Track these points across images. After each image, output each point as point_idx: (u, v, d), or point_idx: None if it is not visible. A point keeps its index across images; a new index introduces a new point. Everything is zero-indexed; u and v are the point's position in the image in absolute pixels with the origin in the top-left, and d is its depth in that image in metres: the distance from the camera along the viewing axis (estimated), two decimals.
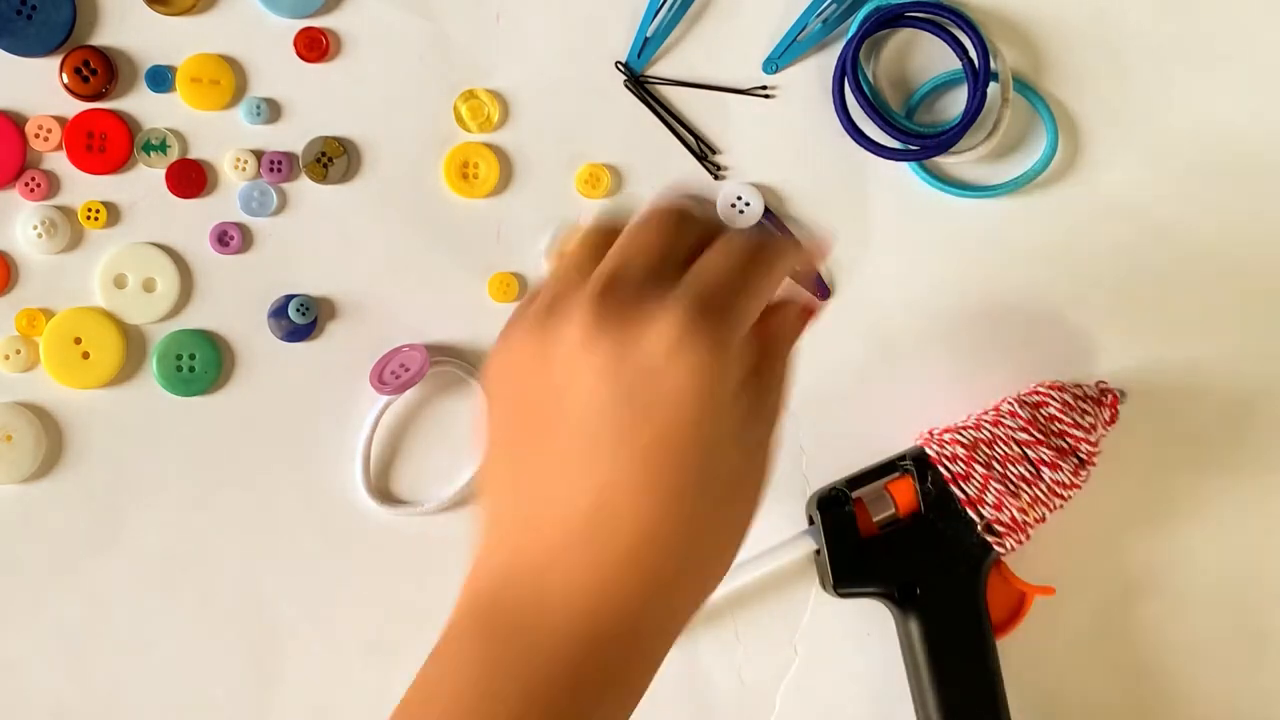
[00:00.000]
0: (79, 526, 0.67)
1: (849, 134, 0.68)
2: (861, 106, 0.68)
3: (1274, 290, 0.70)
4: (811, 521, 0.66)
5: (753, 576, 0.65)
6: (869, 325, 0.69)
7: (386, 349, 0.68)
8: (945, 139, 0.67)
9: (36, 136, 0.66)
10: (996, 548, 0.63)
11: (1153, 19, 0.70)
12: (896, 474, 0.65)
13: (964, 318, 0.70)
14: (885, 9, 0.68)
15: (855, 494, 0.65)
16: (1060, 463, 0.63)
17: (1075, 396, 0.65)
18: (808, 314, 0.48)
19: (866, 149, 0.68)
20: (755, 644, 0.69)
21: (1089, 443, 0.64)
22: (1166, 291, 0.70)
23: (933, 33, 0.67)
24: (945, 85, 0.69)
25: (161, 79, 0.67)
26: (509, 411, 0.45)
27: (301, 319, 0.67)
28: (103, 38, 0.67)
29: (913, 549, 0.64)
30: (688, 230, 0.45)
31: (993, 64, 0.68)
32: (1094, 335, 0.70)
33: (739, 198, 0.68)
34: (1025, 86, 0.69)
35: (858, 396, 0.69)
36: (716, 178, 0.69)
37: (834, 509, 0.65)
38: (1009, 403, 0.66)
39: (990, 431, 0.64)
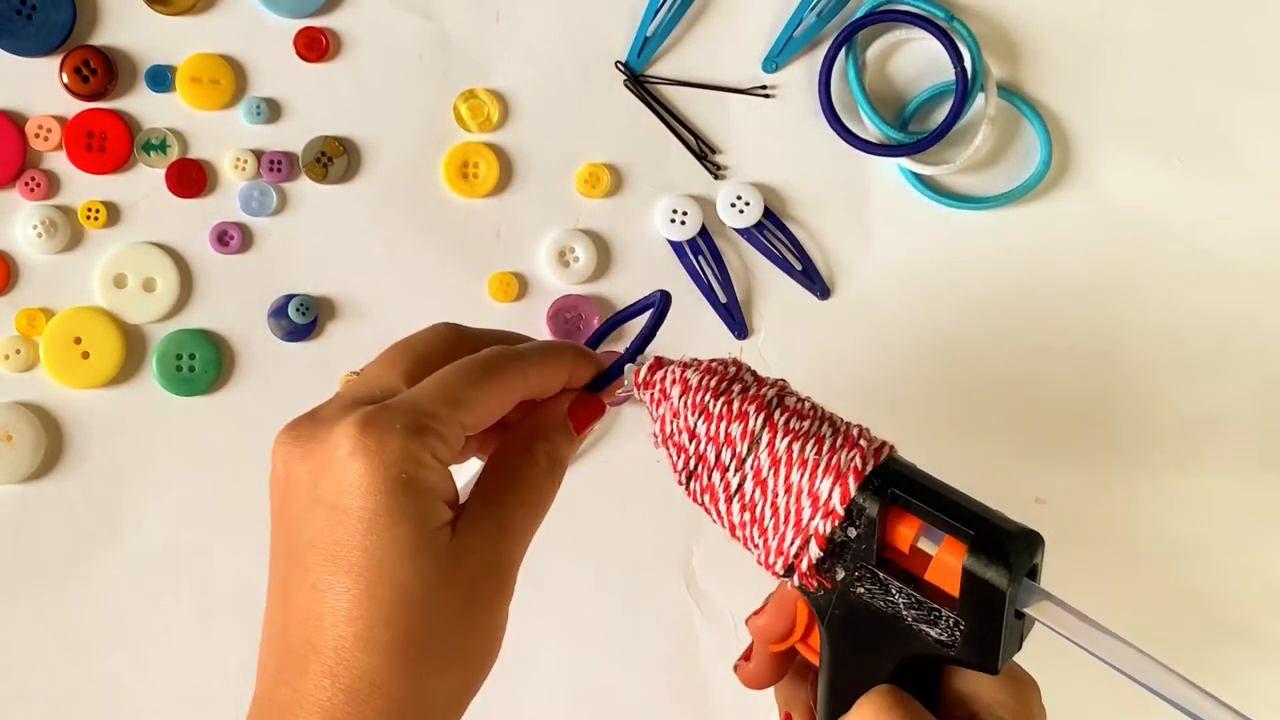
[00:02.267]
0: (79, 526, 0.67)
1: (829, 122, 0.68)
2: (855, 100, 0.68)
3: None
4: (1029, 574, 0.46)
5: None
6: (867, 325, 0.69)
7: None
8: (924, 140, 0.67)
9: (36, 136, 0.66)
10: None
11: (1147, 23, 0.70)
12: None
13: (962, 321, 0.70)
14: (877, 5, 0.68)
15: None
16: None
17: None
18: (576, 417, 0.49)
19: (848, 141, 0.68)
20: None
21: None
22: (1166, 291, 0.70)
23: (924, 28, 0.67)
24: (944, 94, 0.69)
25: (161, 79, 0.67)
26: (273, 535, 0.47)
27: (301, 319, 0.67)
28: (103, 37, 0.67)
29: None
30: (418, 356, 0.48)
31: (981, 77, 0.68)
32: (1096, 337, 0.70)
33: (739, 197, 0.68)
34: (1018, 99, 0.69)
35: (855, 395, 0.69)
36: (716, 178, 0.69)
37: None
38: None
39: None
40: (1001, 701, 0.45)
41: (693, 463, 0.47)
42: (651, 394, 0.48)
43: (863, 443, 0.44)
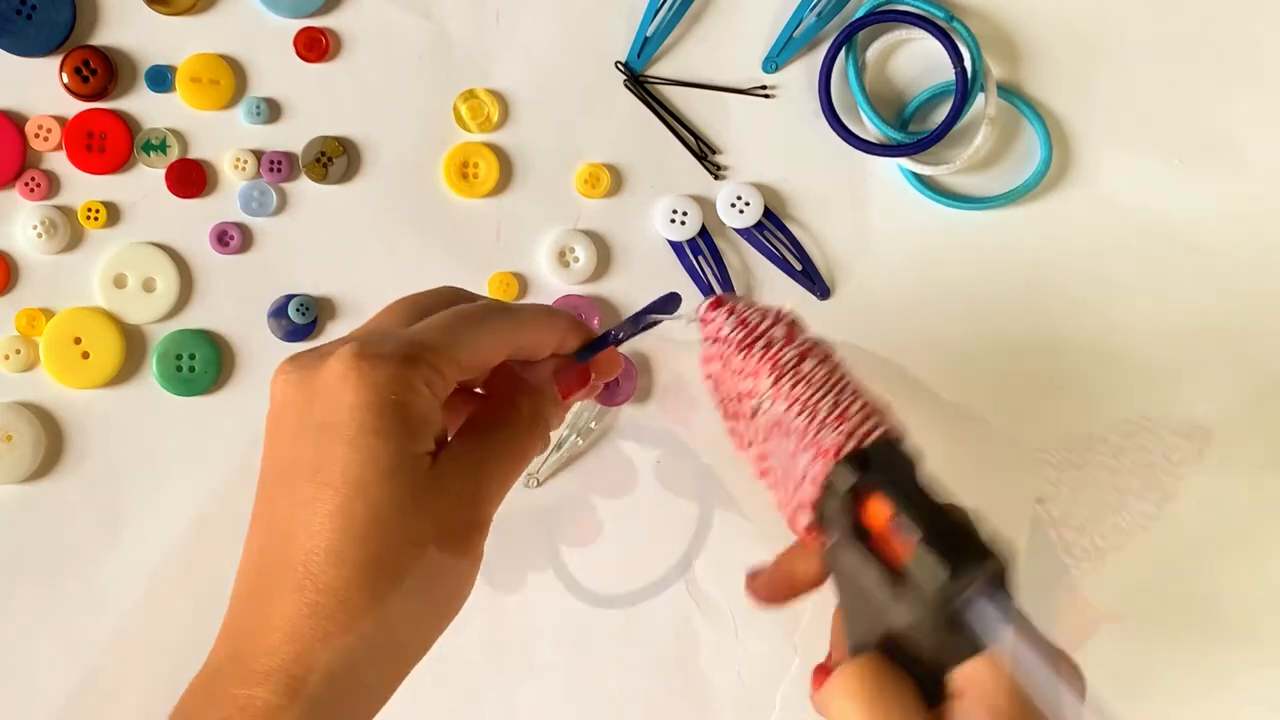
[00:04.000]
0: (79, 526, 0.67)
1: (829, 122, 0.68)
2: (855, 100, 0.68)
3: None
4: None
5: None
6: (867, 325, 0.69)
7: None
8: (924, 140, 0.67)
9: (36, 136, 0.66)
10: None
11: (1147, 23, 0.70)
12: None
13: (962, 321, 0.70)
14: (877, 5, 0.68)
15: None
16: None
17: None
18: (562, 381, 0.51)
19: (848, 141, 0.68)
20: (755, 644, 0.69)
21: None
22: (1166, 291, 0.70)
23: (924, 28, 0.67)
24: (944, 94, 0.69)
25: (161, 79, 0.67)
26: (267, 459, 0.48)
27: (301, 319, 0.67)
28: (103, 38, 0.67)
29: None
30: (421, 309, 0.49)
31: (981, 77, 0.68)
32: (1096, 337, 0.70)
33: (739, 197, 0.68)
34: (1018, 99, 0.69)
35: None
36: (716, 178, 0.69)
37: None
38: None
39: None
40: (987, 678, 0.45)
41: (723, 404, 0.49)
42: (704, 331, 0.50)
43: (853, 422, 0.46)
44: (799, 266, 0.69)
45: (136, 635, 0.67)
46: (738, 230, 0.69)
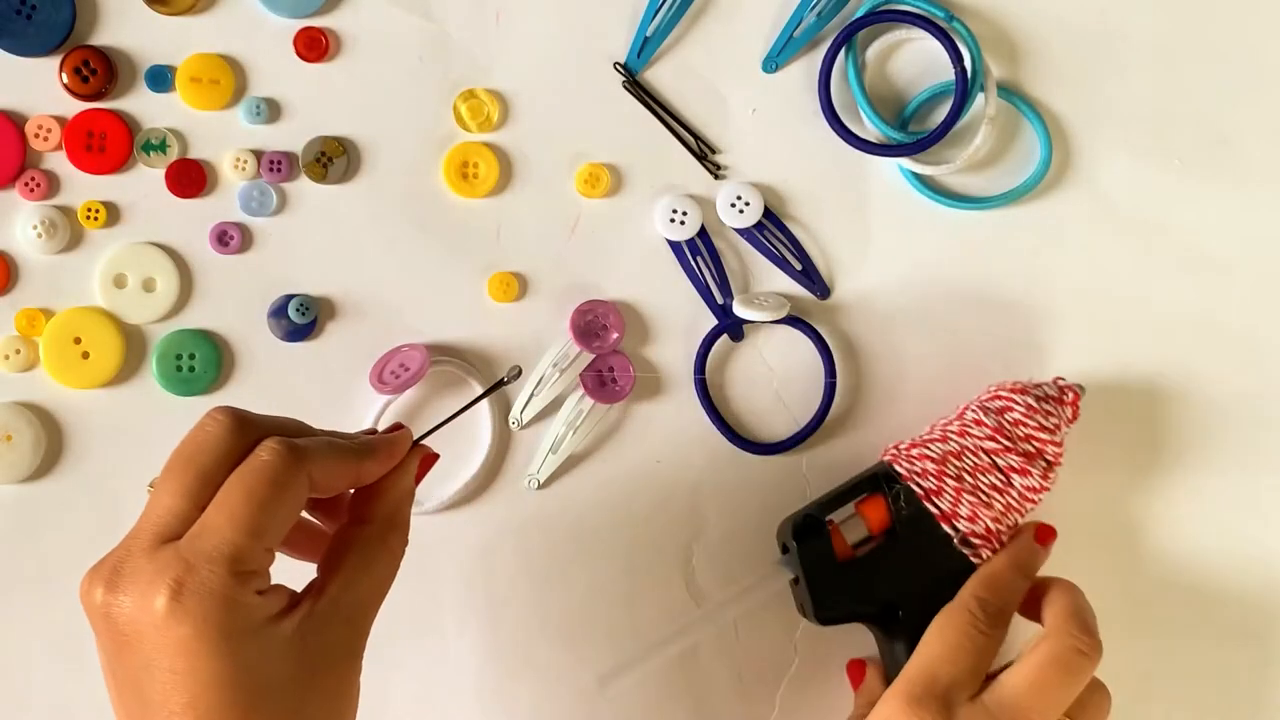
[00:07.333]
0: (79, 526, 0.67)
1: (829, 122, 0.68)
2: (855, 100, 0.68)
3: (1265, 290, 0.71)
4: (785, 550, 0.64)
5: (731, 617, 0.65)
6: (867, 325, 0.69)
7: (386, 349, 0.68)
8: (924, 140, 0.67)
9: (36, 136, 0.66)
10: (973, 559, 0.62)
11: (1147, 23, 0.70)
12: (866, 494, 0.63)
13: (962, 321, 0.70)
14: (876, 5, 0.68)
15: (828, 518, 0.63)
16: (1029, 468, 0.62)
17: (1038, 398, 0.63)
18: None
19: (848, 141, 0.68)
20: (755, 644, 0.69)
21: (1054, 444, 0.62)
22: (1166, 292, 0.70)
23: (924, 28, 0.67)
24: (944, 94, 0.69)
25: (161, 79, 0.67)
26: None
27: (301, 319, 0.67)
28: (103, 37, 0.67)
29: (892, 568, 0.62)
30: (203, 473, 0.49)
31: (981, 77, 0.68)
32: (1095, 337, 0.70)
33: (739, 197, 0.68)
34: (1018, 99, 0.69)
35: (853, 395, 0.69)
36: (716, 177, 0.69)
37: (809, 535, 0.62)
38: (973, 410, 0.64)
39: (957, 442, 0.62)
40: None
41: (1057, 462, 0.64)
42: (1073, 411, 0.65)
43: None
44: (799, 266, 0.69)
45: None
46: (738, 230, 0.69)
